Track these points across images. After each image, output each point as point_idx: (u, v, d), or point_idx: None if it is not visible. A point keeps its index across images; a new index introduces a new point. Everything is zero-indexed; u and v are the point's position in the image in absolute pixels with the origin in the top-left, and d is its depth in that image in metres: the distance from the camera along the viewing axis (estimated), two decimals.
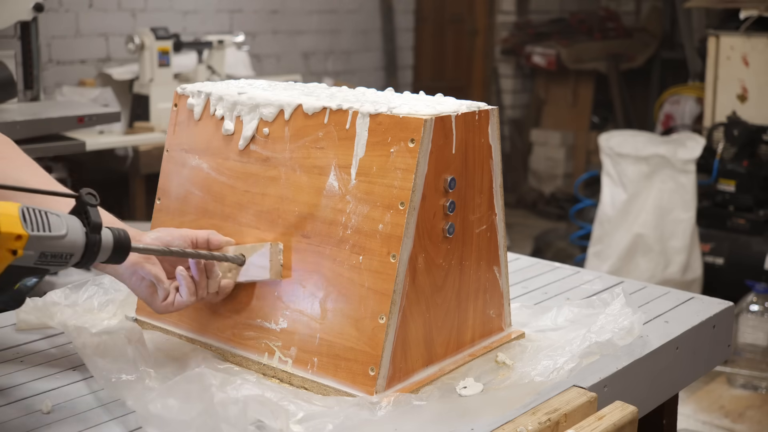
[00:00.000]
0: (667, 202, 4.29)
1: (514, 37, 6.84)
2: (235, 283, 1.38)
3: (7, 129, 2.88)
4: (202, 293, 1.34)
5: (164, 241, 1.31)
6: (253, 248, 1.37)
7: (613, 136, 4.52)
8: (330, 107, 1.33)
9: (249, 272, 1.36)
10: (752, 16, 4.50)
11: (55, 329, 1.49)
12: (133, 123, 4.18)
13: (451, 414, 1.21)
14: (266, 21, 5.74)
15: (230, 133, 1.42)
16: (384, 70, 6.57)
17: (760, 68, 4.50)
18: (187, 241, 1.34)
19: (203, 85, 1.51)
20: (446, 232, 1.31)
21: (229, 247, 1.40)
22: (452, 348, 1.38)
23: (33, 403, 1.25)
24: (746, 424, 3.38)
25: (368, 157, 1.28)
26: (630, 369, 1.40)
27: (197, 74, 4.37)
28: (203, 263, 1.34)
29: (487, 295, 1.44)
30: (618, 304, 1.48)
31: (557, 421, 1.22)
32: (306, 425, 1.17)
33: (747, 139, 4.32)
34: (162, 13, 5.14)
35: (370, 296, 1.26)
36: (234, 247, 1.40)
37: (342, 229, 1.30)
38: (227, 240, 1.40)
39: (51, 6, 4.63)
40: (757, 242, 4.18)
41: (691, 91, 5.52)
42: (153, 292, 1.33)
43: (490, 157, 1.39)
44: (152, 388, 1.22)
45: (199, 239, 1.36)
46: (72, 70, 4.81)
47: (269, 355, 1.35)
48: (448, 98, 1.41)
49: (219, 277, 1.37)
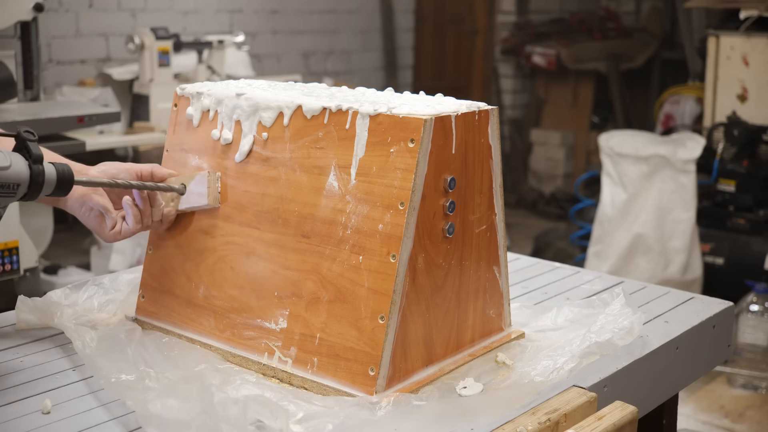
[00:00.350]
0: (667, 202, 4.29)
1: (514, 37, 6.84)
2: (177, 211, 1.46)
3: (7, 129, 2.88)
4: (147, 221, 1.44)
5: (109, 174, 1.41)
6: (191, 177, 1.45)
7: (613, 136, 4.52)
8: (330, 107, 1.33)
9: (189, 200, 1.45)
10: (752, 16, 4.50)
11: (55, 329, 1.49)
12: (133, 123, 4.18)
13: (450, 414, 1.21)
14: (266, 21, 5.74)
15: (228, 143, 1.43)
16: (384, 70, 6.57)
17: (760, 68, 4.50)
18: (131, 174, 1.43)
19: (203, 85, 1.51)
20: (446, 232, 1.31)
21: (171, 178, 1.48)
22: (452, 348, 1.38)
23: (33, 403, 1.25)
24: (746, 424, 3.38)
25: (368, 157, 1.28)
26: (630, 369, 1.40)
27: (197, 74, 4.37)
28: (146, 193, 1.42)
29: (486, 295, 1.44)
30: (618, 304, 1.48)
31: (557, 421, 1.22)
32: (306, 425, 1.17)
33: (747, 139, 4.32)
34: (162, 13, 5.15)
35: (370, 296, 1.26)
36: (175, 178, 1.47)
37: (342, 229, 1.30)
38: (169, 172, 1.48)
39: (51, 6, 4.63)
40: (757, 242, 4.18)
41: (691, 91, 5.52)
42: (101, 222, 1.43)
43: (490, 157, 1.39)
44: (152, 388, 1.22)
45: (144, 171, 1.45)
46: (72, 70, 4.81)
47: (269, 355, 1.35)
48: (448, 98, 1.41)
49: (162, 205, 1.45)
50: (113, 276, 1.65)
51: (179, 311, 1.47)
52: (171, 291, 1.49)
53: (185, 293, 1.47)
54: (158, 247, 1.52)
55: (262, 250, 1.38)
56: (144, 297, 1.52)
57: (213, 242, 1.44)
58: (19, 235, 2.75)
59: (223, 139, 1.43)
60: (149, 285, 1.52)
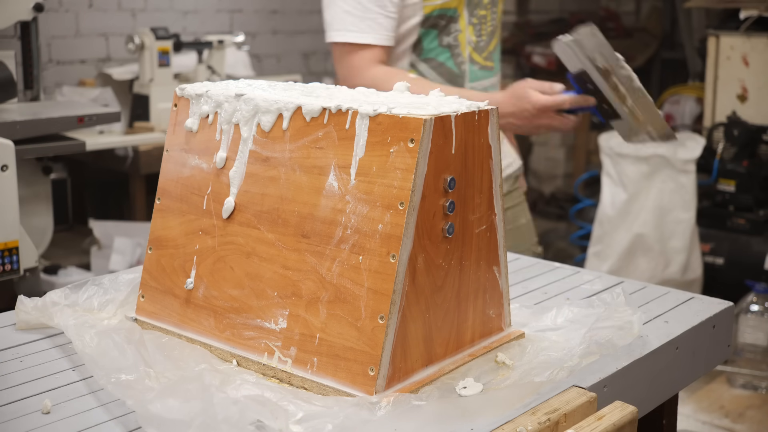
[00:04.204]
0: (667, 202, 4.29)
1: (514, 37, 6.84)
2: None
3: (7, 129, 2.89)
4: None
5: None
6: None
7: (613, 136, 4.52)
8: (329, 108, 1.33)
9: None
10: (752, 16, 4.50)
11: (55, 329, 1.49)
12: (133, 123, 4.18)
13: (450, 414, 1.21)
14: (266, 21, 5.74)
15: (224, 163, 1.44)
16: None
17: (760, 68, 4.50)
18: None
19: (203, 85, 1.51)
20: (446, 232, 1.31)
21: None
22: (452, 348, 1.38)
23: (33, 403, 1.25)
24: (746, 424, 3.38)
25: (368, 157, 1.28)
26: (630, 369, 1.40)
27: (197, 74, 4.37)
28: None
29: (486, 295, 1.44)
30: (618, 304, 1.48)
31: (557, 421, 1.22)
32: (305, 425, 1.17)
33: (747, 139, 4.32)
34: (162, 13, 5.15)
35: (370, 296, 1.26)
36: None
37: (341, 229, 1.30)
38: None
39: (51, 6, 4.63)
40: (757, 242, 4.18)
41: (691, 91, 5.52)
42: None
43: (490, 157, 1.39)
44: (152, 388, 1.22)
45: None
46: (72, 70, 4.81)
47: (269, 355, 1.35)
48: (449, 98, 1.41)
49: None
50: (113, 276, 1.65)
51: (179, 311, 1.47)
52: (171, 291, 1.49)
53: (185, 293, 1.47)
54: (158, 247, 1.52)
55: (262, 250, 1.38)
56: (144, 297, 1.52)
57: (213, 242, 1.44)
58: (19, 235, 2.75)
59: (219, 158, 1.44)
60: (149, 285, 1.52)
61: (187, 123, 1.49)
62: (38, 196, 3.36)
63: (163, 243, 1.51)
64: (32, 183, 3.32)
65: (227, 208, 1.42)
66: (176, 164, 1.50)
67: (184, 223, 1.48)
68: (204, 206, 1.46)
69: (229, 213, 1.42)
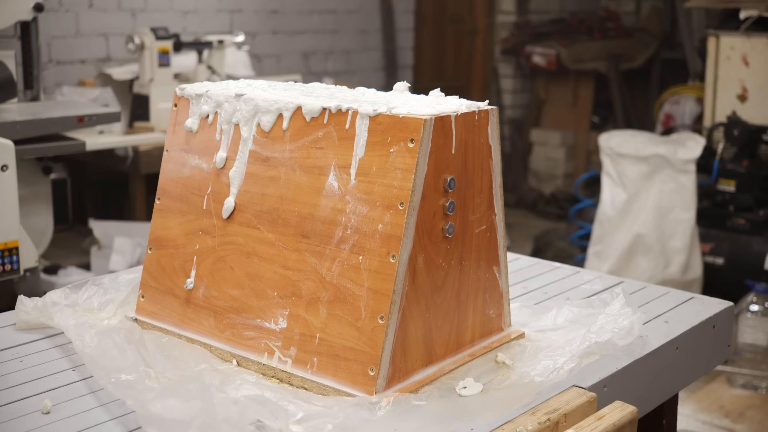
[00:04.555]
0: (667, 202, 4.29)
1: (514, 37, 6.84)
2: None
3: (7, 129, 2.89)
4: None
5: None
6: None
7: (613, 136, 4.52)
8: (329, 108, 1.33)
9: None
10: (752, 16, 4.50)
11: (55, 329, 1.49)
12: (133, 123, 4.18)
13: (450, 414, 1.21)
14: (266, 21, 5.74)
15: (224, 163, 1.43)
16: (384, 70, 6.57)
17: (760, 68, 4.50)
18: None
19: (203, 85, 1.51)
20: (446, 232, 1.31)
21: None
22: (452, 348, 1.38)
23: (33, 403, 1.25)
24: (746, 424, 3.38)
25: (368, 157, 1.28)
26: (630, 369, 1.40)
27: (197, 74, 4.36)
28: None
29: (486, 295, 1.44)
30: (618, 304, 1.48)
31: (557, 421, 1.22)
32: (305, 425, 1.17)
33: (747, 139, 4.32)
34: (162, 13, 5.14)
35: (370, 296, 1.26)
36: None
37: (342, 229, 1.30)
38: None
39: (51, 6, 4.63)
40: (757, 242, 4.18)
41: (691, 91, 5.52)
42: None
43: (490, 157, 1.39)
44: (152, 388, 1.22)
45: None
46: (72, 70, 4.81)
47: (269, 355, 1.35)
48: (449, 97, 1.41)
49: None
50: (113, 276, 1.65)
51: (179, 311, 1.47)
52: (171, 291, 1.49)
53: (185, 293, 1.47)
54: (158, 247, 1.52)
55: (262, 250, 1.38)
56: (144, 297, 1.52)
57: (213, 242, 1.44)
58: (19, 235, 2.75)
59: (219, 158, 1.43)
60: (149, 285, 1.52)
61: (187, 123, 1.49)
62: (38, 196, 3.37)
63: (163, 243, 1.51)
64: (32, 183, 3.33)
65: (227, 208, 1.42)
66: (176, 164, 1.50)
67: (184, 223, 1.48)
68: (204, 206, 1.46)
69: (229, 213, 1.42)
